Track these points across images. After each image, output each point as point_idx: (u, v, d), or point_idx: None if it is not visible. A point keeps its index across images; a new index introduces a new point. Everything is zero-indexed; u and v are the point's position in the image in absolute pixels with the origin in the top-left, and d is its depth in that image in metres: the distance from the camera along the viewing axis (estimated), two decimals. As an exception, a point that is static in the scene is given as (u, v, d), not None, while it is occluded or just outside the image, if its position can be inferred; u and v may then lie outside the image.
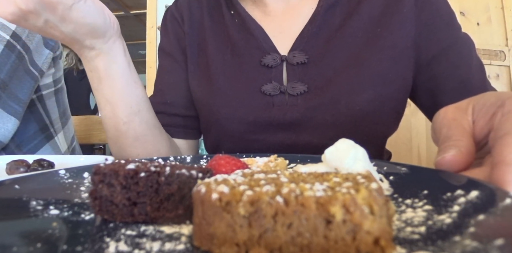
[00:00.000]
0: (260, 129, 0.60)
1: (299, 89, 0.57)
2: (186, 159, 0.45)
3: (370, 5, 0.59)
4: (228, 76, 0.62)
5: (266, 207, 0.17)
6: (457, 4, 1.85)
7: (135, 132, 0.55)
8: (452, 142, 0.30)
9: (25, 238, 0.20)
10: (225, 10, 0.66)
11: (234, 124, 0.61)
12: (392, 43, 0.57)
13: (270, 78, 0.59)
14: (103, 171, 0.23)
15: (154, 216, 0.23)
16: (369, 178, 0.20)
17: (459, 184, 0.26)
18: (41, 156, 0.46)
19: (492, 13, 1.88)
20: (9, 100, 0.68)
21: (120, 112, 0.53)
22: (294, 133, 0.58)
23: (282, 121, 0.58)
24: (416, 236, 0.19)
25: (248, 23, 0.62)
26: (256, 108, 0.59)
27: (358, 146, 0.30)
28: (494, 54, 1.85)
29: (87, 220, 0.24)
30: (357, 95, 0.56)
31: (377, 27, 0.58)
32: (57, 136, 0.84)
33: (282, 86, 0.59)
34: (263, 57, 0.60)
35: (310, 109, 0.57)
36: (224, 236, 0.18)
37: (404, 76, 0.59)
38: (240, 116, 0.60)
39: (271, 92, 0.58)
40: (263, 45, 0.61)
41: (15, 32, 0.68)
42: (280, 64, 0.60)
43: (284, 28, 0.63)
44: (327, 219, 0.16)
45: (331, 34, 0.59)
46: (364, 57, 0.57)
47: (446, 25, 0.58)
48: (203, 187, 0.19)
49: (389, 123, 0.61)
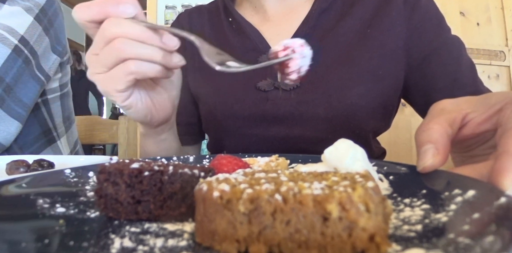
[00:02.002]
0: (255, 123, 0.63)
1: (291, 85, 0.60)
2: (189, 159, 0.45)
3: (362, 8, 0.63)
4: (226, 76, 0.64)
5: (265, 205, 0.17)
6: (457, 4, 1.85)
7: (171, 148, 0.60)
8: (428, 146, 0.31)
9: (33, 234, 0.20)
10: (224, 17, 0.70)
11: (230, 119, 0.64)
12: (382, 43, 0.60)
13: (265, 75, 0.62)
14: (108, 170, 0.24)
15: (157, 214, 0.24)
16: (367, 177, 0.20)
17: (456, 183, 0.26)
18: (41, 156, 0.47)
19: (492, 13, 1.87)
20: (13, 104, 0.68)
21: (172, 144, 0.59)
22: (288, 126, 0.61)
23: (276, 115, 0.61)
24: (412, 234, 0.19)
25: (245, 28, 0.66)
26: (251, 103, 0.62)
27: (358, 146, 0.30)
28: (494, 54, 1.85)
29: (92, 217, 0.24)
30: (348, 90, 0.58)
31: (367, 28, 0.61)
32: (59, 140, 0.85)
33: (276, 82, 0.61)
34: (259, 57, 0.63)
35: (303, 103, 0.60)
36: (225, 233, 0.18)
37: (394, 74, 0.62)
38: (236, 111, 0.63)
39: (266, 88, 0.61)
40: (258, 46, 0.65)
41: (24, 36, 0.69)
42: None
43: (280, 30, 0.66)
44: (324, 216, 0.17)
45: (324, 35, 0.63)
46: (355, 55, 0.60)
47: (435, 27, 0.62)
48: (205, 185, 0.20)
49: (379, 119, 0.64)
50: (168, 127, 0.55)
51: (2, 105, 0.66)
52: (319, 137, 0.59)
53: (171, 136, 0.58)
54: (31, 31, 0.71)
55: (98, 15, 0.37)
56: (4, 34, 0.67)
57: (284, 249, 0.17)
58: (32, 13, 0.71)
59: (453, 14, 1.82)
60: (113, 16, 0.37)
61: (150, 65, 0.39)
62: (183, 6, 2.21)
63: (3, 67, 0.66)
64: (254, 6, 0.70)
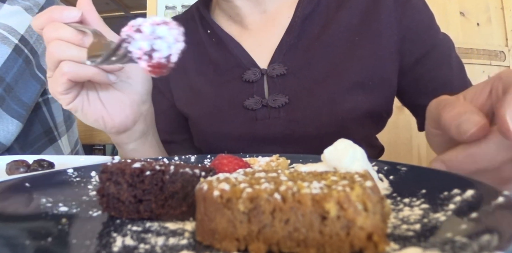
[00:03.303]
0: (246, 144, 0.60)
1: (280, 101, 0.57)
2: (191, 158, 0.46)
3: (348, 14, 0.59)
4: (212, 95, 0.63)
5: (264, 204, 0.18)
6: (457, 4, 1.84)
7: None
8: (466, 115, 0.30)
9: (36, 232, 0.21)
10: (201, 30, 0.66)
11: (221, 141, 0.62)
12: (371, 52, 0.58)
13: (252, 92, 0.59)
14: (110, 169, 0.24)
15: (158, 213, 0.24)
16: (366, 177, 0.20)
17: (456, 183, 0.26)
18: (41, 156, 0.47)
19: (492, 13, 1.87)
20: (13, 103, 0.68)
21: (146, 155, 0.57)
22: (280, 146, 0.59)
23: (266, 136, 0.59)
24: (411, 233, 0.20)
25: (226, 42, 0.62)
26: (240, 124, 0.60)
27: (357, 146, 0.30)
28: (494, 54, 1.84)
29: (94, 216, 0.25)
30: (339, 105, 0.56)
31: (355, 36, 0.58)
32: (60, 139, 0.85)
33: (264, 100, 0.59)
34: (244, 73, 0.60)
35: (293, 122, 0.57)
36: (225, 231, 0.18)
37: (387, 81, 0.59)
38: (225, 132, 0.61)
39: (254, 106, 0.59)
40: (242, 61, 0.61)
41: (24, 36, 0.69)
42: (261, 77, 0.60)
43: (262, 41, 0.62)
44: (322, 215, 0.17)
45: (309, 44, 0.59)
46: (343, 66, 0.57)
47: (427, 27, 0.60)
48: (205, 184, 0.20)
49: (371, 126, 0.62)
50: (135, 136, 0.53)
51: (2, 104, 0.66)
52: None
53: (143, 147, 0.55)
54: (31, 30, 0.70)
55: (46, 22, 0.39)
56: (4, 34, 0.67)
57: (283, 248, 0.18)
58: (32, 13, 0.71)
59: (453, 14, 1.82)
60: (58, 21, 0.39)
61: (83, 67, 0.39)
62: (183, 6, 2.21)
63: (4, 66, 0.66)
64: (229, 15, 0.65)
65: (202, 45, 0.66)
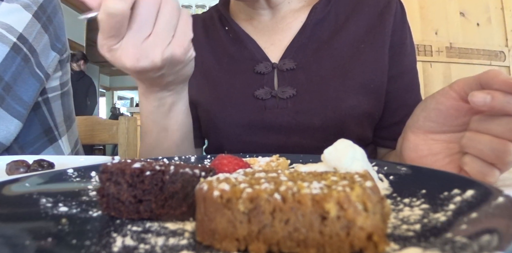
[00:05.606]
0: (254, 131, 0.65)
1: (288, 93, 0.62)
2: (191, 158, 0.46)
3: (356, 25, 0.66)
4: (225, 84, 0.68)
5: (264, 204, 0.18)
6: (457, 4, 1.85)
7: (185, 149, 0.60)
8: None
9: (36, 233, 0.21)
10: (220, 26, 0.73)
11: (230, 127, 0.66)
12: (374, 58, 0.64)
13: (262, 84, 0.64)
14: (110, 169, 0.24)
15: (159, 213, 0.24)
16: (366, 177, 0.20)
17: (456, 183, 0.27)
18: (41, 156, 0.47)
19: (492, 14, 1.87)
20: (13, 102, 0.68)
21: (176, 137, 0.57)
22: (285, 135, 0.63)
23: (274, 124, 0.63)
24: (411, 233, 0.20)
25: (242, 37, 0.68)
26: (250, 112, 0.64)
27: (357, 146, 0.30)
28: (494, 54, 1.84)
29: (94, 216, 0.25)
30: (343, 102, 0.61)
31: (361, 43, 0.64)
32: (61, 139, 0.85)
33: (273, 91, 0.63)
34: (256, 66, 0.65)
35: (300, 113, 0.62)
36: (225, 232, 0.18)
37: (382, 87, 0.65)
38: (235, 119, 0.65)
39: (263, 96, 0.63)
40: (255, 55, 0.67)
41: (22, 34, 0.68)
42: (272, 71, 0.65)
43: (274, 40, 0.69)
44: (322, 215, 0.17)
45: (319, 45, 0.65)
46: (348, 68, 0.63)
47: (410, 50, 0.67)
48: (205, 185, 0.20)
49: (366, 127, 0.66)
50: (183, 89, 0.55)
51: (2, 103, 0.66)
52: (315, 145, 0.61)
53: (182, 106, 0.56)
54: (29, 28, 0.70)
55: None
56: (2, 32, 0.66)
57: (283, 248, 0.18)
58: (30, 10, 0.70)
59: (453, 14, 1.82)
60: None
61: None
62: (183, 6, 2.22)
63: (2, 65, 0.65)
64: (250, 17, 0.72)
65: (219, 40, 0.72)
